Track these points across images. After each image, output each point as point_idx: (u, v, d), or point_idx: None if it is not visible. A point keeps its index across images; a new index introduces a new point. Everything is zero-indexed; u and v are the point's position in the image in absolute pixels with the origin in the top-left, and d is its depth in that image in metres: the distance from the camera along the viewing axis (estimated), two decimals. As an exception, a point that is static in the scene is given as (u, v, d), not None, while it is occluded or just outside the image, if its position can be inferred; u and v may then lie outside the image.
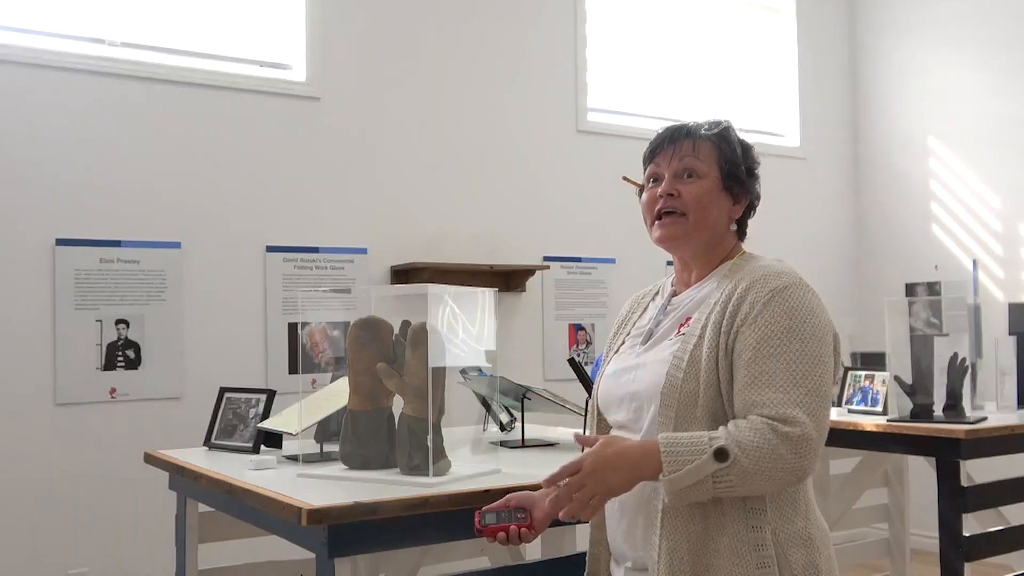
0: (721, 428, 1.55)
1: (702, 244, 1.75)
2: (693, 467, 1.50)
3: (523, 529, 1.77)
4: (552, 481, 1.61)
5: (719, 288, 1.70)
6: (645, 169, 1.81)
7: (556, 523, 1.94)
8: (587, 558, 1.85)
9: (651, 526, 1.64)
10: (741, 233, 1.81)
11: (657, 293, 1.89)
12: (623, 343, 1.85)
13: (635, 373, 1.73)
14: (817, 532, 1.65)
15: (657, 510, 1.62)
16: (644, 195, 1.79)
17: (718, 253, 1.77)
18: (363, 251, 4.40)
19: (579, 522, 1.95)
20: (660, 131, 1.81)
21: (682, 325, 1.72)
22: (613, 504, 1.74)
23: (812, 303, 1.62)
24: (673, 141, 1.76)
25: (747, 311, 1.61)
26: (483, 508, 1.80)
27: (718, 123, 1.79)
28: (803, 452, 1.51)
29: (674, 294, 1.82)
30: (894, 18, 5.96)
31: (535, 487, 1.92)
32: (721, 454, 1.50)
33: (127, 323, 3.84)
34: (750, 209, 1.81)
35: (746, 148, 1.80)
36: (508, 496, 1.83)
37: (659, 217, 1.74)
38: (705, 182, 1.73)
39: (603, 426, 1.84)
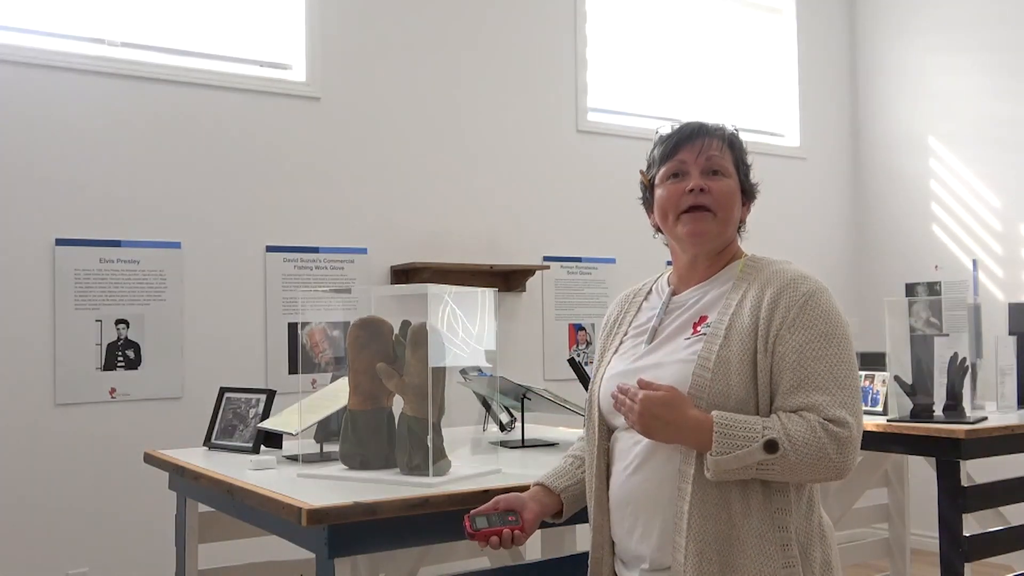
0: (774, 417, 1.58)
1: (722, 242, 1.77)
2: (743, 453, 1.55)
3: (515, 532, 1.77)
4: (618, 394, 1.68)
5: (736, 289, 1.71)
6: (661, 163, 1.78)
7: (547, 524, 1.94)
8: (589, 562, 1.82)
9: (675, 526, 1.63)
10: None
11: (650, 292, 1.88)
12: (621, 343, 1.83)
13: (651, 373, 1.69)
14: (827, 527, 1.69)
15: (683, 511, 1.61)
16: (664, 190, 1.76)
17: (726, 253, 1.78)
18: (363, 251, 4.40)
19: (569, 523, 1.95)
20: (672, 127, 1.80)
21: (696, 324, 1.71)
22: (624, 507, 1.72)
23: (837, 306, 1.67)
24: (698, 137, 1.75)
25: (784, 315, 1.63)
26: (471, 512, 1.79)
27: (725, 127, 1.81)
28: (847, 452, 1.56)
29: (673, 293, 1.81)
30: (894, 18, 5.96)
31: (527, 488, 1.92)
32: (771, 446, 1.54)
33: (127, 323, 3.84)
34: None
35: (746, 151, 1.83)
36: (496, 498, 1.83)
37: (686, 211, 1.73)
38: (731, 182, 1.75)
39: (604, 430, 1.80)
